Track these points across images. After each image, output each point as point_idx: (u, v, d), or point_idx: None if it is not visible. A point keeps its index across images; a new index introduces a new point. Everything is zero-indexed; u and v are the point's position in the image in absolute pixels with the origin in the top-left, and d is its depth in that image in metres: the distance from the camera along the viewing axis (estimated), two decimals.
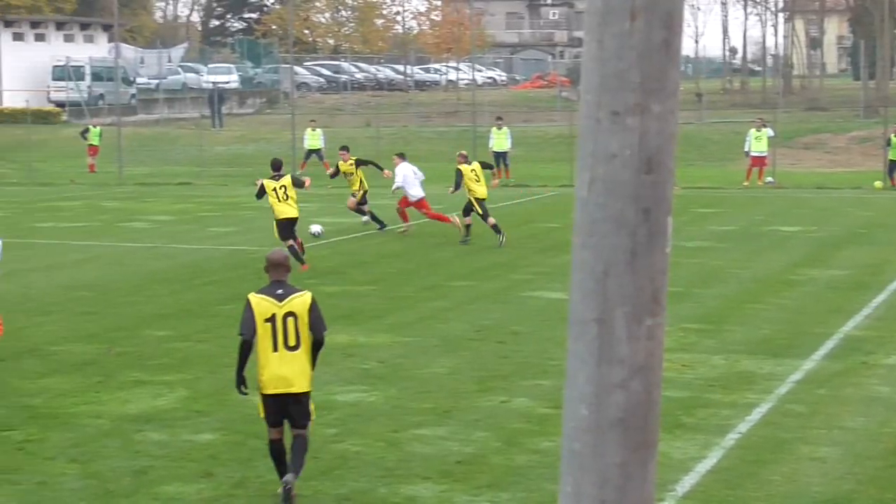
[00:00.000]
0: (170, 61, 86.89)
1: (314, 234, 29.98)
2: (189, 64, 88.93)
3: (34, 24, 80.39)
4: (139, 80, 79.65)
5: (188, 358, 17.64)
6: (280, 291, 11.56)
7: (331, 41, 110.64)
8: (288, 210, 26.39)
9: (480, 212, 29.69)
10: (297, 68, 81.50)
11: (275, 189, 26.72)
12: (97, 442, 13.50)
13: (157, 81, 78.91)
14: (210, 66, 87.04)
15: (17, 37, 77.66)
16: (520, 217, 35.87)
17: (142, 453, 13.08)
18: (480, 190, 29.88)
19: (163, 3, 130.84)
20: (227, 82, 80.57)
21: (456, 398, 15.37)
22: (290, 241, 25.78)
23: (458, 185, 30.43)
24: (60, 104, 72.69)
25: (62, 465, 12.71)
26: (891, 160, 43.21)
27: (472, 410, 14.82)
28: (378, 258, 27.72)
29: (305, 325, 11.52)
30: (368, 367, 17.06)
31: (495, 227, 29.46)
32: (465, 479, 12.33)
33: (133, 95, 76.82)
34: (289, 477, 11.50)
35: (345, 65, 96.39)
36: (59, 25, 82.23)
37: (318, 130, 52.91)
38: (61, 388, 15.93)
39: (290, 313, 11.49)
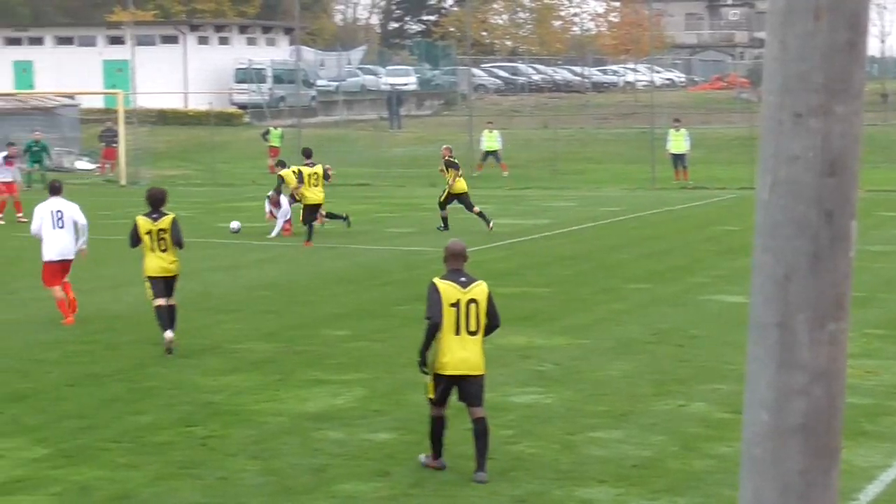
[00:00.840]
0: (349, 63, 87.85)
1: (233, 231, 32.72)
2: (368, 66, 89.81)
3: (218, 28, 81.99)
4: (319, 82, 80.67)
5: (366, 357, 17.81)
6: (463, 279, 12.21)
7: (508, 43, 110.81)
8: (316, 196, 30.71)
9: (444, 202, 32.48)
10: (475, 70, 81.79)
11: (308, 175, 30.90)
12: (277, 439, 13.70)
13: (336, 83, 79.81)
14: (388, 68, 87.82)
15: (202, 40, 79.26)
16: (698, 219, 35.53)
17: (320, 451, 13.24)
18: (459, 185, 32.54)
19: (343, 7, 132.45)
20: (405, 84, 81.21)
21: (632, 401, 15.28)
22: (313, 223, 30.38)
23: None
24: (242, 106, 73.97)
25: (243, 461, 12.92)
26: None
27: (648, 414, 14.72)
28: (554, 260, 27.67)
29: (484, 312, 12.16)
30: (544, 370, 17.04)
31: (445, 221, 32.42)
32: (642, 483, 12.24)
33: (313, 97, 77.81)
34: (481, 476, 12.15)
35: (522, 66, 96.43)
36: (242, 29, 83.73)
37: (496, 132, 53.03)
38: (242, 386, 16.20)
39: (473, 300, 12.14)
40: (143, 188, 35.81)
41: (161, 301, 18.24)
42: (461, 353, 12.13)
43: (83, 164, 58.98)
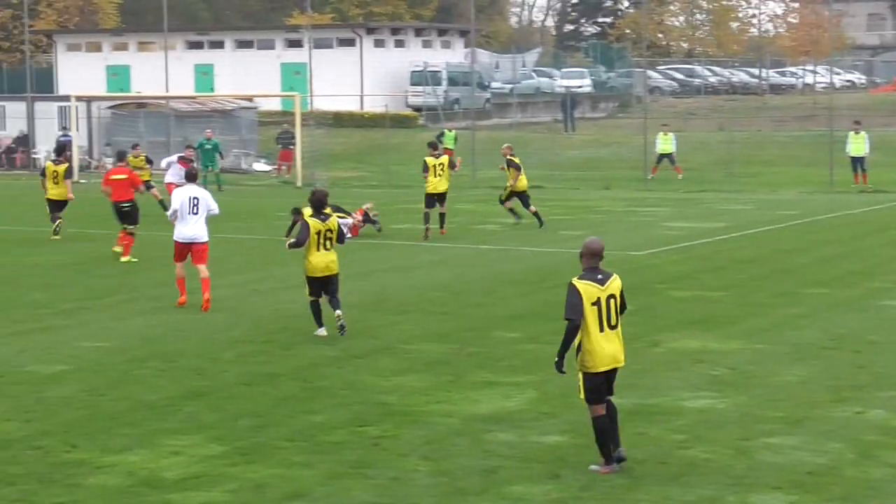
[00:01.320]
0: (524, 66, 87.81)
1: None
2: (542, 68, 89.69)
3: (394, 31, 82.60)
4: (494, 84, 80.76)
5: (537, 360, 17.74)
6: (600, 276, 12.47)
7: (684, 45, 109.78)
8: (440, 185, 32.98)
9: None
10: (650, 72, 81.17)
11: (434, 166, 33.02)
12: (448, 440, 13.71)
13: (511, 86, 79.83)
14: (563, 70, 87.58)
15: (379, 43, 79.92)
16: (877, 223, 34.80)
17: (491, 453, 13.22)
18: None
19: (518, 9, 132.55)
20: (579, 86, 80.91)
21: (808, 407, 14.99)
22: (433, 209, 32.54)
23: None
24: (417, 108, 74.42)
25: (414, 461, 12.96)
26: None
27: (825, 420, 14.43)
28: (730, 263, 27.30)
29: (620, 305, 12.57)
30: (718, 374, 16.81)
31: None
32: (817, 490, 12.00)
33: (487, 100, 77.94)
34: (621, 452, 12.56)
35: (698, 68, 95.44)
36: (418, 31, 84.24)
37: (671, 134, 52.59)
38: (414, 387, 16.26)
39: (612, 296, 12.46)
40: (325, 188, 36.24)
41: (317, 297, 19.49)
42: (609, 349, 12.46)
43: (260, 166, 59.91)
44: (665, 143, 52.32)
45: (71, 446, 13.45)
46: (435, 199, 33.00)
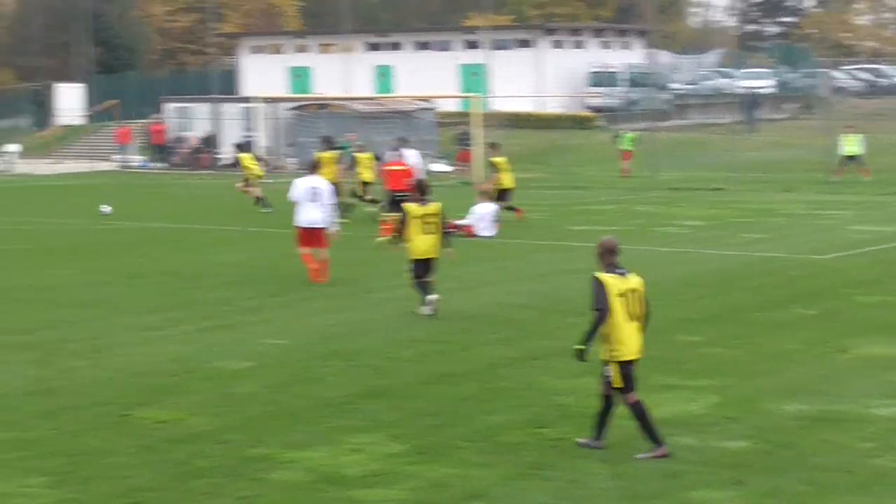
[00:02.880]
0: (704, 67, 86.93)
1: (103, 213, 38.09)
2: (723, 69, 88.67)
3: (573, 32, 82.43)
4: (673, 85, 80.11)
5: (719, 364, 17.54)
6: (620, 271, 13.23)
7: (871, 44, 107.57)
8: (508, 181, 36.31)
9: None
10: (834, 72, 79.71)
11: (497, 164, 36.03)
12: (627, 443, 13.59)
13: (690, 87, 79.10)
14: (744, 70, 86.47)
15: (557, 44, 79.82)
16: None
17: (672, 457, 13.08)
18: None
19: (699, 10, 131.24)
20: (761, 87, 79.80)
21: None
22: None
23: None
24: (596, 110, 74.15)
25: (593, 464, 12.88)
26: None
27: None
28: None
29: (643, 300, 13.20)
30: None
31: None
32: None
33: (667, 101, 77.38)
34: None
35: (885, 68, 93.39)
36: (597, 32, 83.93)
37: (857, 136, 51.55)
38: (593, 389, 16.10)
39: (634, 289, 13.15)
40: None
41: (421, 278, 21.17)
42: (635, 339, 13.11)
43: (440, 167, 60.25)
44: (851, 144, 51.31)
45: (256, 441, 13.66)
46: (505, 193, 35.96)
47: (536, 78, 77.10)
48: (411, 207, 21.00)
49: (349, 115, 62.51)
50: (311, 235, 24.77)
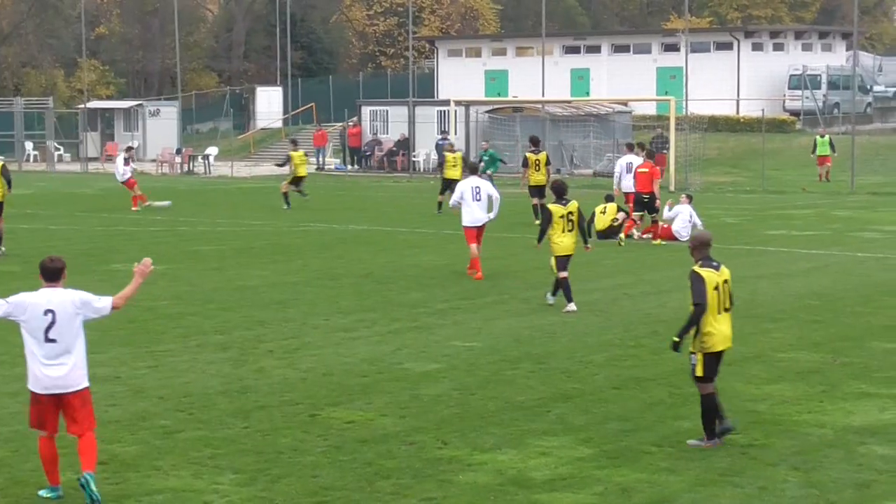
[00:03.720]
0: None
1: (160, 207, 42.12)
2: None
3: (773, 34, 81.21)
4: (876, 88, 78.38)
5: None
6: (714, 264, 13.66)
7: None
8: (537, 179, 36.46)
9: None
10: None
11: (534, 161, 36.86)
12: (819, 452, 13.37)
13: (894, 90, 77.31)
14: None
15: (756, 47, 78.73)
16: None
17: (864, 466, 12.82)
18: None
19: None
20: None
21: None
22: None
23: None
24: (795, 113, 72.94)
25: (784, 471, 12.68)
26: None
27: None
28: None
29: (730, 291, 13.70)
30: None
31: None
32: None
33: (869, 104, 75.72)
34: (729, 422, 13.66)
35: None
36: (798, 35, 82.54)
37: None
38: (785, 396, 15.93)
39: (725, 280, 13.68)
40: (694, 193, 35.92)
41: (564, 274, 22.13)
42: (725, 330, 13.64)
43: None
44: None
45: (443, 443, 13.74)
46: (536, 190, 36.19)
47: (735, 81, 76.16)
48: (553, 208, 22.25)
49: (544, 119, 62.50)
50: (477, 232, 26.26)
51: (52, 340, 11.81)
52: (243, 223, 38.86)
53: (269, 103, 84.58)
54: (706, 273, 13.59)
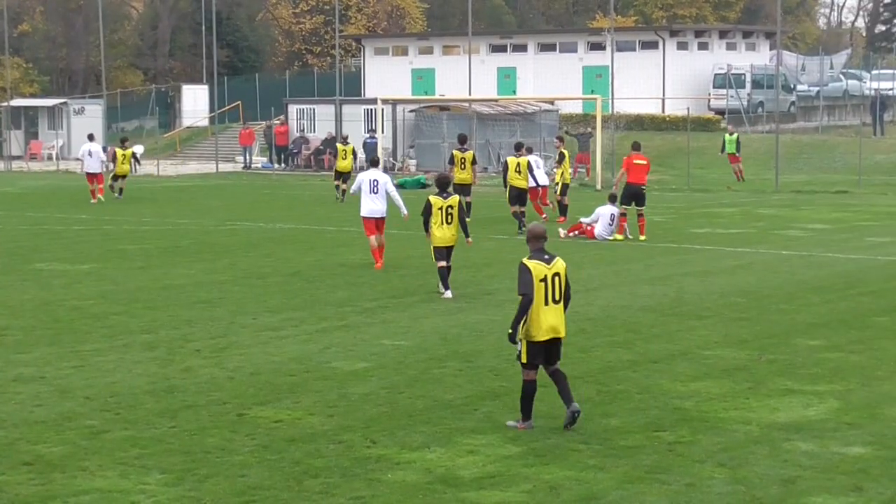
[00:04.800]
0: (832, 68, 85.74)
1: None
2: (851, 70, 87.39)
3: (698, 34, 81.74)
4: (799, 87, 79.13)
5: (840, 368, 17.31)
6: (546, 257, 14.14)
7: None
8: (463, 178, 36.59)
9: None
10: None
11: (460, 160, 36.78)
12: (745, 448, 13.48)
13: (817, 89, 78.10)
14: (874, 72, 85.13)
15: (682, 46, 79.23)
16: None
17: (790, 462, 12.94)
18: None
19: (827, 10, 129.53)
20: (890, 89, 78.52)
21: None
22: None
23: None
24: (720, 112, 73.47)
25: (710, 468, 12.77)
26: None
27: None
28: None
29: (563, 284, 14.17)
30: None
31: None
32: None
33: (792, 103, 76.43)
34: (575, 406, 14.17)
35: None
36: (722, 34, 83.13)
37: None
38: (711, 393, 16.04)
39: (556, 273, 14.10)
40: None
41: (443, 263, 23.46)
42: (552, 321, 14.09)
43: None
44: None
45: (371, 442, 13.73)
46: (461, 188, 35.92)
47: (660, 80, 76.60)
48: (433, 199, 23.40)
49: (471, 117, 62.60)
50: (375, 224, 27.27)
51: None
52: (169, 221, 38.63)
53: (195, 101, 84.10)
54: (533, 265, 14.07)
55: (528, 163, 36.14)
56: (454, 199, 23.62)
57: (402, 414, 14.97)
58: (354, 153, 48.44)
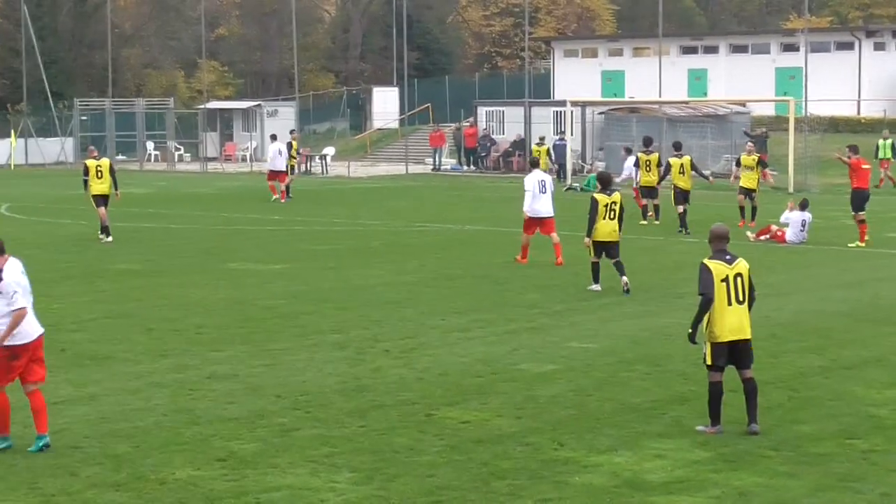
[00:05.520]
0: None
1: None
2: None
3: None
4: None
5: None
6: (728, 257, 14.14)
7: None
8: (647, 180, 37.31)
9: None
10: None
11: (645, 162, 37.57)
12: None
13: None
14: None
15: (878, 46, 77.55)
16: None
17: None
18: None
19: None
20: None
21: None
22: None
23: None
24: None
25: None
26: None
27: None
28: None
29: (747, 285, 14.15)
30: None
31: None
32: None
33: None
34: (755, 427, 13.99)
35: None
36: None
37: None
38: None
39: (738, 274, 14.11)
40: (813, 196, 35.48)
41: (597, 259, 24.38)
42: (734, 321, 14.02)
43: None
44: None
45: (558, 444, 13.71)
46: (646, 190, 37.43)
47: (856, 81, 75.09)
48: (599, 196, 24.20)
49: (661, 119, 62.11)
50: (539, 223, 28.36)
51: None
52: (360, 223, 39.07)
53: (385, 104, 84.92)
54: (714, 265, 14.09)
55: (692, 162, 35.97)
56: (617, 195, 24.42)
57: (590, 417, 14.92)
58: (549, 154, 49.04)
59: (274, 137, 51.00)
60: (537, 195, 28.16)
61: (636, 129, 61.68)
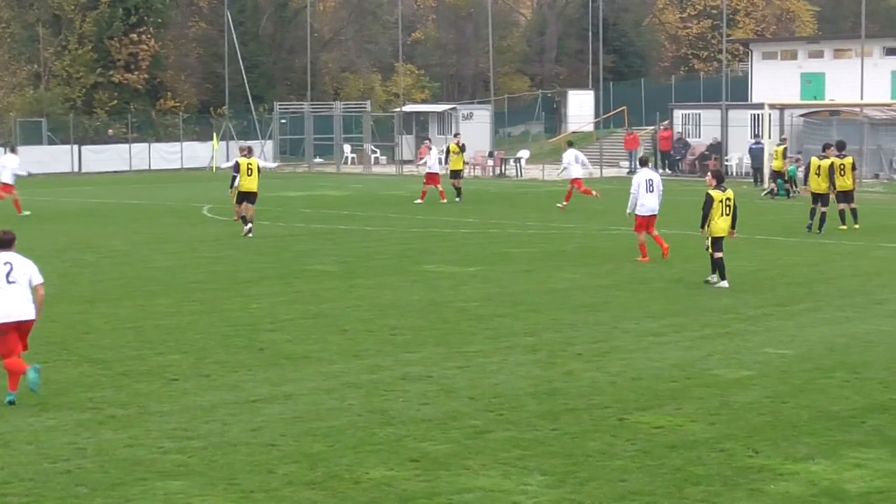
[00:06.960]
0: None
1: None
2: None
3: None
4: None
5: None
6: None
7: None
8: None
9: None
10: None
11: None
12: None
13: None
14: None
15: None
16: None
17: None
18: None
19: None
20: None
21: None
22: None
23: None
24: None
25: None
26: None
27: None
28: None
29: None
30: None
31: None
32: None
33: None
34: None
35: None
36: None
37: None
38: None
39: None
40: None
41: (720, 254, 25.17)
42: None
43: None
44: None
45: (753, 451, 13.50)
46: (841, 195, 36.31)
47: None
48: (714, 193, 25.13)
49: (862, 123, 60.80)
50: (645, 223, 29.54)
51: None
52: (554, 226, 39.02)
53: (580, 107, 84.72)
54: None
55: (831, 165, 35.34)
56: (730, 192, 25.38)
57: (786, 424, 14.67)
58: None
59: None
60: (643, 194, 29.13)
61: (836, 133, 60.45)
